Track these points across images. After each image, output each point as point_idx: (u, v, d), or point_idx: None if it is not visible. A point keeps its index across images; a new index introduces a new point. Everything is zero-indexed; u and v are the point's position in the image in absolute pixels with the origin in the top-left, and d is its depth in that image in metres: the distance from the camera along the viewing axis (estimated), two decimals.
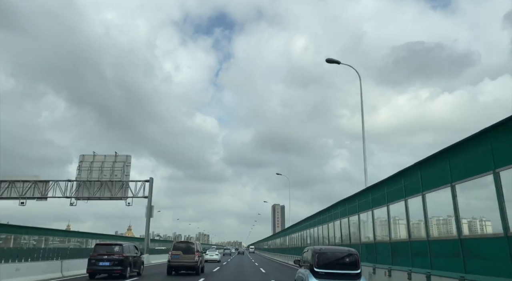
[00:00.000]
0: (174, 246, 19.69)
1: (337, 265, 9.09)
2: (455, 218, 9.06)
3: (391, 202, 13.34)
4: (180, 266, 19.18)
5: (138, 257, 19.08)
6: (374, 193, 15.12)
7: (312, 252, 9.46)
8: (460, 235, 8.88)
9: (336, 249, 10.01)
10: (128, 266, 17.28)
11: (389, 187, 13.53)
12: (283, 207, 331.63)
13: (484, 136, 7.96)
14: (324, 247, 10.08)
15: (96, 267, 16.57)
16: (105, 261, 16.65)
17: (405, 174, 12.08)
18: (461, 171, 8.87)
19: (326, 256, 9.25)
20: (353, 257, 9.24)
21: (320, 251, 9.38)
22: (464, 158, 8.83)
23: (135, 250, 19.13)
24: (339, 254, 9.51)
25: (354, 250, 9.65)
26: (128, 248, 18.02)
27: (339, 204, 20.67)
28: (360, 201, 17.03)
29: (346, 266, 9.09)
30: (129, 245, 18.54)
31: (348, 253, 9.42)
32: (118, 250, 17.09)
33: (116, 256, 16.82)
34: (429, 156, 10.34)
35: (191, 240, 21.63)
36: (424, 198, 10.69)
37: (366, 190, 16.30)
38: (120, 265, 16.72)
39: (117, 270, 16.65)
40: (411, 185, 11.59)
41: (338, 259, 9.27)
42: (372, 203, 15.27)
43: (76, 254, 20.59)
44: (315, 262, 9.08)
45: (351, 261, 9.21)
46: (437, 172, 10.00)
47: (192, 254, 18.99)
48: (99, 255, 16.75)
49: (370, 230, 15.80)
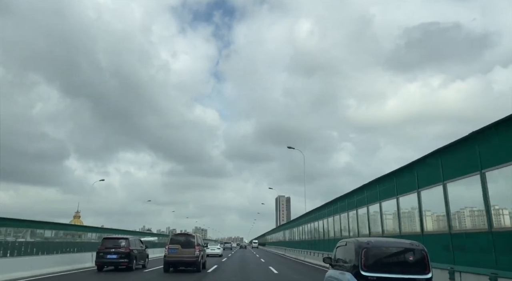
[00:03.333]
0: (171, 239, 17.69)
1: (395, 266, 6.38)
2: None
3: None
4: (178, 262, 17.32)
5: (143, 250, 20.14)
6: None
7: (355, 247, 6.69)
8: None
9: (392, 243, 6.94)
10: (134, 259, 18.33)
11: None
12: (288, 199, 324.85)
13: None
14: (373, 239, 7.07)
15: (104, 259, 17.65)
16: (113, 254, 17.71)
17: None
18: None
19: (377, 253, 6.49)
20: (419, 253, 6.45)
21: (368, 245, 6.56)
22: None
23: (140, 244, 20.19)
24: (396, 249, 6.66)
25: (418, 243, 6.74)
26: (134, 242, 19.07)
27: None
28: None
29: (408, 268, 6.33)
30: (135, 239, 19.60)
31: (410, 248, 6.56)
32: (125, 243, 18.14)
33: (122, 250, 17.86)
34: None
35: (191, 233, 18.71)
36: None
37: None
38: (127, 257, 17.77)
39: (124, 263, 17.71)
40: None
41: (395, 257, 6.55)
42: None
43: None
44: (362, 262, 6.37)
45: (417, 259, 6.40)
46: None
47: (192, 248, 17.13)
48: (106, 249, 17.82)
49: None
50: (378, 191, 16.48)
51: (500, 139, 8.33)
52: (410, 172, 13.09)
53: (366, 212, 18.13)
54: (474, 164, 9.06)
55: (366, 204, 18.12)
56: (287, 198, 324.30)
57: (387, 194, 15.42)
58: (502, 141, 8.26)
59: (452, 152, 10.26)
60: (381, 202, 16.10)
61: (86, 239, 28.21)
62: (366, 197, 18.22)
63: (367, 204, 17.93)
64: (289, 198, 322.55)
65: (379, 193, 16.35)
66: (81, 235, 27.90)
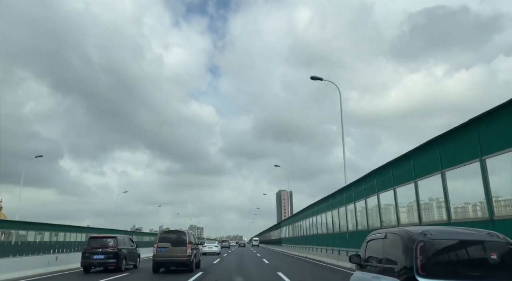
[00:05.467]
0: (160, 237, 16.04)
1: (468, 268, 4.18)
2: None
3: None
4: (168, 262, 15.70)
5: (134, 249, 18.97)
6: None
7: (405, 240, 4.51)
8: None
9: (461, 233, 4.68)
10: (123, 259, 17.17)
11: None
12: (291, 194, 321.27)
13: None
14: (430, 228, 4.69)
15: (90, 260, 16.48)
16: (99, 254, 16.55)
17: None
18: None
19: (441, 249, 4.30)
20: (505, 248, 4.25)
21: (426, 238, 4.33)
22: None
23: (131, 243, 19.02)
24: (469, 243, 4.38)
25: (497, 233, 4.56)
26: (123, 241, 17.90)
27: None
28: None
29: (491, 271, 4.12)
30: (124, 237, 18.45)
31: (490, 241, 4.35)
32: (112, 243, 16.97)
33: (110, 249, 16.70)
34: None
35: (183, 230, 17.01)
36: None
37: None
38: (115, 258, 16.60)
39: (112, 263, 16.55)
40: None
41: (469, 254, 4.33)
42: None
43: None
44: (417, 263, 4.15)
45: (502, 257, 4.18)
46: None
47: (183, 247, 15.56)
48: (93, 249, 16.65)
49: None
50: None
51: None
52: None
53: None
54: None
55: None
56: (289, 192, 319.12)
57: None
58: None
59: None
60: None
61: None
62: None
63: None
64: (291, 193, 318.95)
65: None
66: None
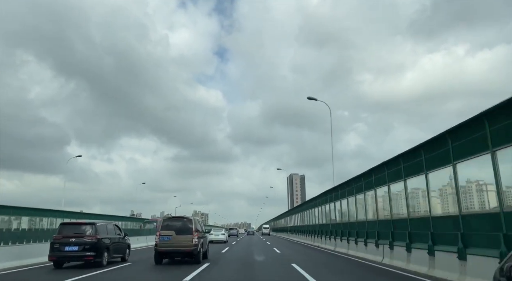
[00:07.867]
0: (163, 224, 14.31)
1: None
2: None
3: None
4: (172, 252, 14.11)
5: (121, 239, 15.36)
6: None
7: None
8: None
9: None
10: (105, 250, 13.59)
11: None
12: (302, 178, 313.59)
13: None
14: None
15: (61, 253, 12.91)
16: (73, 245, 12.96)
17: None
18: None
19: None
20: None
21: None
22: None
23: (117, 231, 15.41)
24: None
25: None
26: (105, 228, 14.26)
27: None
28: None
29: None
30: (106, 224, 14.72)
31: None
32: (90, 231, 13.37)
33: (87, 239, 13.10)
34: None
35: (188, 216, 14.93)
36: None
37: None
38: (93, 249, 13.01)
39: (89, 256, 12.95)
40: None
41: None
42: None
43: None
44: None
45: None
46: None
47: (189, 235, 13.88)
48: (64, 238, 13.06)
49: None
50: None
51: None
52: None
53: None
54: None
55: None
56: (301, 176, 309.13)
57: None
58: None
59: None
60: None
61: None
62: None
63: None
64: (303, 177, 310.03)
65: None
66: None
